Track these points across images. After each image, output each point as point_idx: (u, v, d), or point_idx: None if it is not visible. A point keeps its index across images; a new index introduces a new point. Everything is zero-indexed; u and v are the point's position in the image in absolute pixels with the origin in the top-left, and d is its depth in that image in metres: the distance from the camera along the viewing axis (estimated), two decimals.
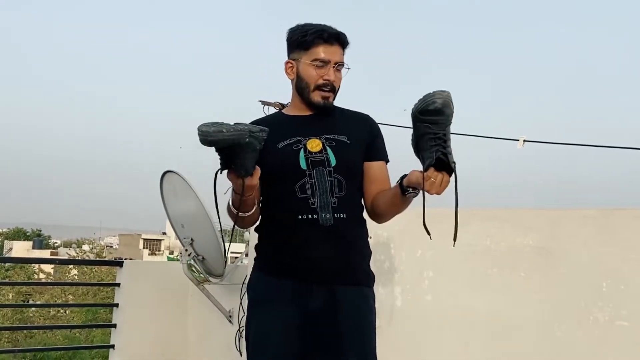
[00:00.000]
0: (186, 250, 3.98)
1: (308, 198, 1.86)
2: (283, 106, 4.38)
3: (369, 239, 2.00)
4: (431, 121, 1.62)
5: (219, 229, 3.68)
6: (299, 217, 1.85)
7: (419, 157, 1.71)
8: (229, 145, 1.65)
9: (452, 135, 1.68)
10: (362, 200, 1.99)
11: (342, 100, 2.04)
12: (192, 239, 3.97)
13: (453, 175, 1.66)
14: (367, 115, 2.07)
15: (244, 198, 1.78)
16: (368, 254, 1.99)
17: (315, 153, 1.89)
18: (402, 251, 3.05)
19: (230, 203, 1.87)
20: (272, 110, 4.36)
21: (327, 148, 1.90)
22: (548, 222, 2.70)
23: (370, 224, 2.02)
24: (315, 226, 1.84)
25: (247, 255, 4.15)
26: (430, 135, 1.63)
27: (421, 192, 1.71)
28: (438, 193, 1.67)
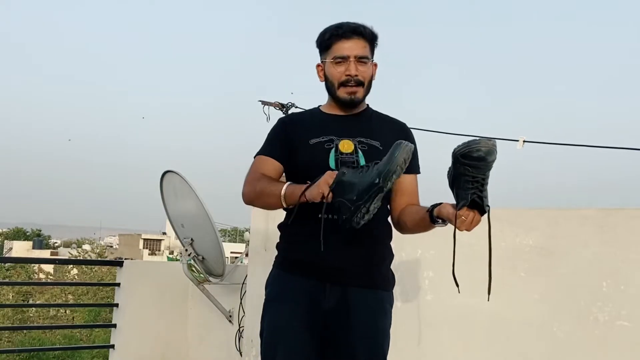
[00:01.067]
0: (186, 250, 3.98)
1: None
2: (283, 106, 4.38)
3: (391, 243, 1.99)
4: (471, 165, 1.61)
5: (219, 229, 3.69)
6: (319, 215, 1.83)
7: (452, 191, 1.70)
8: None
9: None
10: (389, 207, 1.98)
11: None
12: (192, 239, 3.97)
13: (487, 223, 1.69)
14: (404, 124, 2.04)
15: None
16: (389, 257, 1.98)
17: (346, 154, 1.86)
18: (402, 251, 3.05)
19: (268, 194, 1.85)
20: (272, 110, 4.37)
21: (359, 151, 1.89)
22: (548, 222, 2.70)
23: None
24: (335, 226, 1.81)
25: (247, 255, 4.15)
26: (468, 177, 1.63)
27: (452, 240, 1.73)
28: (468, 230, 1.69)
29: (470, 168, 1.61)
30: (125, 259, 5.73)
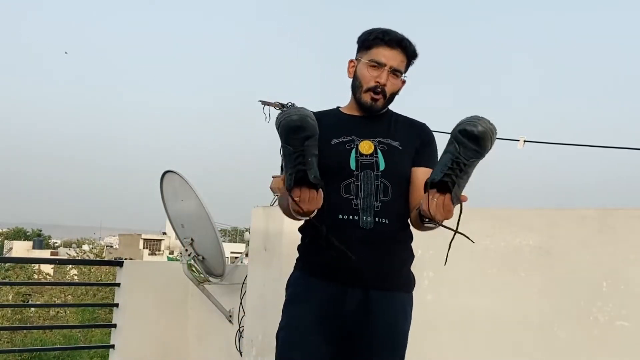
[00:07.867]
0: (186, 250, 3.99)
1: (351, 199, 1.82)
2: (283, 106, 4.38)
3: (411, 244, 1.95)
4: (460, 142, 1.54)
5: (219, 229, 3.69)
6: (340, 216, 1.81)
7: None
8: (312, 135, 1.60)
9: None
10: (409, 207, 1.94)
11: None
12: (192, 239, 3.98)
13: (459, 210, 1.61)
14: (423, 124, 2.03)
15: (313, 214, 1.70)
16: (409, 259, 1.96)
17: (366, 155, 1.86)
18: None
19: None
20: (272, 110, 4.37)
21: (379, 151, 1.88)
22: (547, 222, 2.70)
23: None
24: (355, 228, 1.80)
25: (247, 255, 4.15)
26: (452, 156, 1.56)
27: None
28: (436, 215, 1.62)
29: (459, 146, 1.55)
30: (125, 259, 5.73)
